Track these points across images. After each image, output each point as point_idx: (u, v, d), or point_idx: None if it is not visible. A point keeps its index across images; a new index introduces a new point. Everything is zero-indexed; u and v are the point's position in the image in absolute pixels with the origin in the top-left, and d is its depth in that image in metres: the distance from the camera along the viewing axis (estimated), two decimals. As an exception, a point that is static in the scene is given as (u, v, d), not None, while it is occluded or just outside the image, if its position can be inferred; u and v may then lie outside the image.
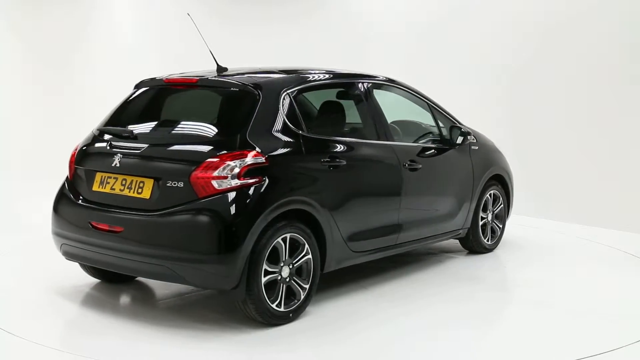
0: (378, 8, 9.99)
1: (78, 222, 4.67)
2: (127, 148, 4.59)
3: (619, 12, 7.79)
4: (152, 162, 4.46)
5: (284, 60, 7.86)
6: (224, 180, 4.21)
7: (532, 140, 8.46)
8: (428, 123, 6.04)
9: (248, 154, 4.30)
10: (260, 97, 4.55)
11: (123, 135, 4.72)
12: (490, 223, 6.41)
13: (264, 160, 4.35)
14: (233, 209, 4.19)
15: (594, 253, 6.66)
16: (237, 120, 4.47)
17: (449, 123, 5.98)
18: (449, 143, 5.88)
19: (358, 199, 4.97)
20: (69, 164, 4.97)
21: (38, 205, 5.61)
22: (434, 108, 5.95)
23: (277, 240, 4.35)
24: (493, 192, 6.37)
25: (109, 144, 4.72)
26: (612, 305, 5.07)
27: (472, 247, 6.34)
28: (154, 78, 5.10)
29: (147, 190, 4.38)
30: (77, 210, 4.71)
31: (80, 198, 4.75)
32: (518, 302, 5.36)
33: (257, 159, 4.32)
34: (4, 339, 4.24)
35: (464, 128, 5.97)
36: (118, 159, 4.55)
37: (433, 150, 5.77)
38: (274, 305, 4.37)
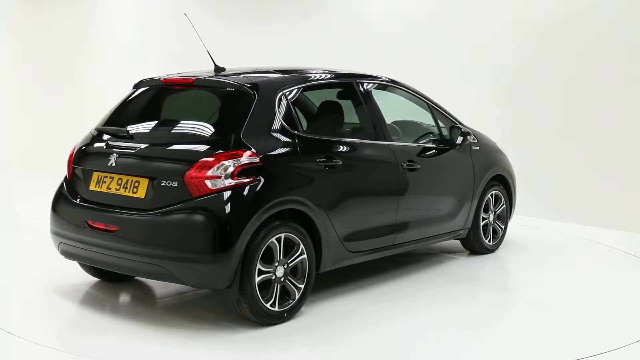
0: (378, 8, 9.99)
1: (75, 221, 4.69)
2: (123, 148, 4.62)
3: (619, 12, 7.79)
4: (147, 161, 4.48)
5: (284, 60, 7.86)
6: (218, 180, 4.22)
7: (532, 140, 8.46)
8: (429, 123, 6.03)
9: (242, 154, 4.31)
10: (256, 97, 4.56)
11: (119, 135, 4.74)
12: (492, 224, 6.39)
13: (258, 160, 4.35)
14: (226, 209, 4.19)
15: (594, 253, 6.66)
16: (232, 120, 4.48)
17: (449, 123, 5.97)
18: (449, 143, 5.87)
19: (354, 199, 4.97)
20: (68, 164, 5.00)
21: (38, 205, 5.61)
22: (434, 108, 5.94)
23: (271, 240, 4.35)
24: (495, 192, 6.35)
25: (106, 144, 4.74)
26: (612, 306, 5.07)
27: (473, 247, 6.32)
28: (152, 78, 5.11)
29: (142, 190, 4.40)
30: (74, 210, 4.73)
31: (78, 197, 4.77)
32: (518, 302, 5.36)
33: (251, 159, 4.32)
34: (4, 339, 4.24)
35: (464, 128, 5.95)
36: (114, 159, 4.57)
37: (433, 151, 5.77)
38: (268, 305, 4.38)
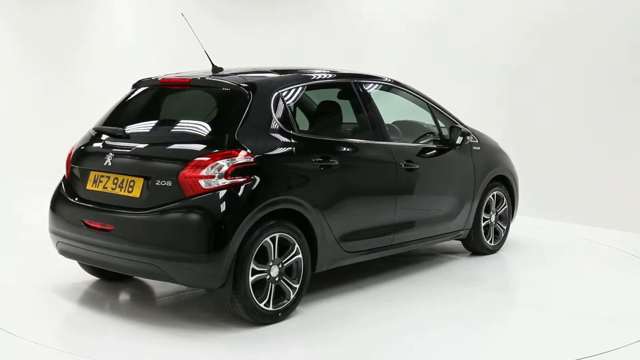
0: (378, 8, 9.99)
1: (72, 220, 4.71)
2: (119, 147, 4.64)
3: (619, 12, 7.79)
4: (142, 161, 4.50)
5: (284, 60, 7.86)
6: (212, 180, 4.23)
7: (532, 140, 8.46)
8: (429, 123, 6.01)
9: (236, 154, 4.31)
10: (251, 97, 4.56)
11: (115, 135, 4.76)
12: (494, 224, 6.37)
13: (252, 160, 4.35)
14: (219, 209, 4.20)
15: (594, 253, 6.66)
16: (226, 120, 4.49)
17: (450, 123, 5.95)
18: (449, 143, 5.85)
19: (351, 199, 4.96)
20: (66, 163, 5.02)
21: (38, 205, 5.61)
22: (434, 108, 5.93)
23: (265, 240, 4.35)
24: (496, 193, 6.32)
25: (103, 144, 4.76)
26: (612, 306, 5.07)
27: (474, 248, 6.30)
28: (151, 78, 5.13)
29: (137, 189, 4.41)
30: (71, 209, 4.76)
31: (76, 197, 4.79)
32: (518, 302, 5.36)
33: (245, 159, 4.33)
34: (3, 339, 4.24)
35: (464, 128, 5.93)
36: (110, 158, 4.60)
37: (433, 151, 5.76)
38: (262, 305, 4.38)
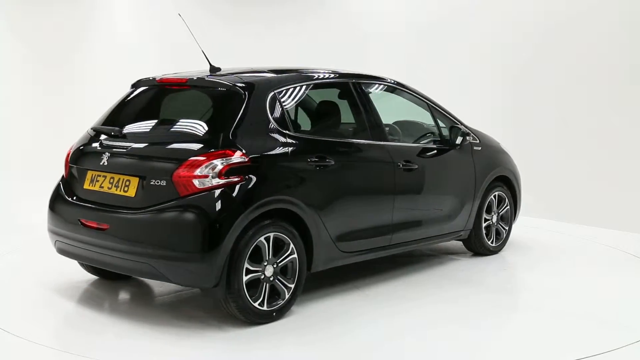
0: (378, 8, 9.99)
1: (69, 219, 4.74)
2: (115, 147, 4.66)
3: (619, 12, 7.79)
4: (137, 160, 4.52)
5: (284, 60, 7.86)
6: (205, 179, 4.24)
7: (531, 140, 8.46)
8: (430, 123, 6.00)
9: (230, 153, 4.32)
10: (246, 97, 4.57)
11: (112, 134, 4.78)
12: (495, 225, 6.35)
13: (247, 160, 4.36)
14: (213, 208, 4.21)
15: (594, 253, 6.66)
16: (221, 120, 4.50)
17: (450, 123, 5.94)
18: (449, 143, 5.84)
19: (347, 199, 4.96)
20: (65, 163, 5.05)
21: (38, 205, 5.61)
22: (434, 108, 5.92)
23: (259, 240, 4.36)
24: (498, 193, 6.30)
25: (100, 143, 4.79)
26: (612, 306, 5.07)
27: (475, 249, 6.28)
28: (149, 78, 5.14)
29: (132, 189, 4.43)
30: (68, 208, 4.78)
31: (73, 196, 4.81)
32: (517, 303, 5.36)
33: (239, 158, 4.33)
34: (2, 339, 4.24)
35: (464, 128, 5.90)
36: (106, 158, 4.62)
37: (433, 151, 5.75)
38: (256, 304, 4.38)
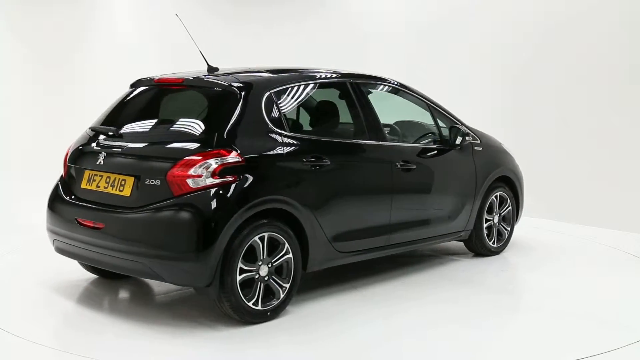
0: (378, 8, 9.99)
1: (67, 218, 4.76)
2: (111, 147, 4.69)
3: (619, 12, 7.79)
4: (132, 160, 4.54)
5: (284, 60, 7.86)
6: (199, 179, 4.25)
7: (532, 140, 8.46)
8: (431, 123, 5.98)
9: (224, 153, 4.33)
10: (242, 97, 4.58)
11: (108, 134, 4.80)
12: (497, 225, 6.33)
13: (241, 160, 4.37)
14: (206, 208, 4.21)
15: (594, 253, 6.66)
16: (217, 120, 4.51)
17: (450, 123, 5.93)
18: (449, 144, 5.83)
19: (344, 199, 4.95)
20: (63, 163, 5.07)
21: (38, 205, 5.61)
22: (434, 108, 5.90)
23: (253, 239, 4.36)
24: (499, 194, 6.28)
25: (97, 143, 4.81)
26: (612, 306, 5.06)
27: (476, 249, 6.26)
28: (147, 78, 5.15)
29: (127, 188, 4.45)
30: (66, 207, 4.81)
31: (71, 195, 4.83)
32: (517, 302, 5.35)
33: (233, 158, 4.34)
34: (3, 339, 4.24)
35: (463, 128, 5.89)
36: (102, 157, 4.64)
37: (433, 151, 5.74)
38: (250, 304, 4.38)
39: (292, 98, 5.02)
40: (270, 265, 4.48)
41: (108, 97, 6.12)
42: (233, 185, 4.31)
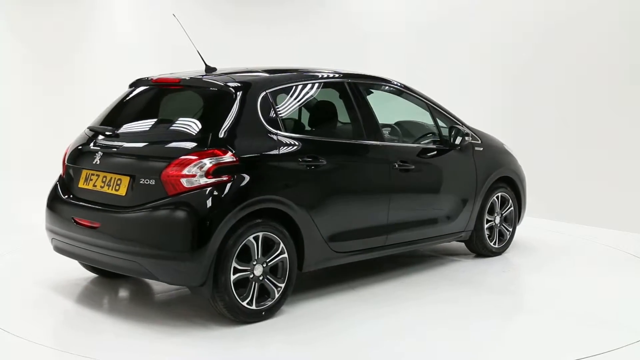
0: (378, 8, 9.99)
1: (65, 218, 4.78)
2: (108, 146, 4.71)
3: (619, 12, 7.79)
4: (128, 160, 4.56)
5: (284, 60, 7.85)
6: (193, 179, 4.25)
7: (532, 140, 8.45)
8: (432, 124, 5.96)
9: (218, 153, 4.34)
10: (237, 96, 4.58)
11: (105, 134, 4.81)
12: (498, 226, 6.30)
13: (235, 159, 4.37)
14: (200, 207, 4.22)
15: (594, 253, 6.65)
16: (212, 120, 4.52)
17: (450, 123, 5.91)
18: (449, 144, 5.80)
19: (340, 199, 4.94)
20: (62, 162, 5.09)
21: (38, 205, 5.61)
22: (434, 108, 5.89)
23: (248, 239, 4.36)
24: (501, 194, 6.26)
25: (94, 142, 4.83)
26: (612, 306, 5.06)
27: (477, 250, 6.24)
28: (146, 78, 5.16)
29: (123, 188, 4.47)
30: (64, 207, 4.83)
31: (69, 195, 4.85)
32: (517, 303, 5.35)
33: (227, 158, 4.35)
34: (3, 339, 4.24)
35: (463, 129, 5.87)
36: (99, 157, 4.67)
37: (433, 152, 5.73)
38: (245, 303, 4.38)
39: (288, 98, 5.01)
40: (265, 265, 4.48)
41: (108, 97, 6.12)
42: (227, 185, 4.31)
